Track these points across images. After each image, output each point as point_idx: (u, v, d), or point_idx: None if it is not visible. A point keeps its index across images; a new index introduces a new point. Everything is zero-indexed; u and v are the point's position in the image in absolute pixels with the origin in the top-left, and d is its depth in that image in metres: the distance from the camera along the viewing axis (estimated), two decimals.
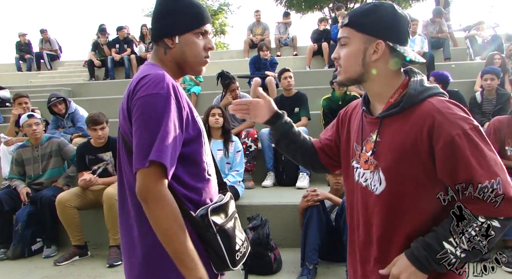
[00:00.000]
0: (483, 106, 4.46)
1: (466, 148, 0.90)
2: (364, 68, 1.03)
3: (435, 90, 1.01)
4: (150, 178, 0.97)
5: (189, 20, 1.11)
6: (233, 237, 1.13)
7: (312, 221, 2.70)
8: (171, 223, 0.98)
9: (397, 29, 1.01)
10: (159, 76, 1.03)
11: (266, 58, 6.03)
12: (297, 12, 18.49)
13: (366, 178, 1.08)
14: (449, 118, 0.93)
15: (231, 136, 3.61)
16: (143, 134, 0.99)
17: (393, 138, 1.01)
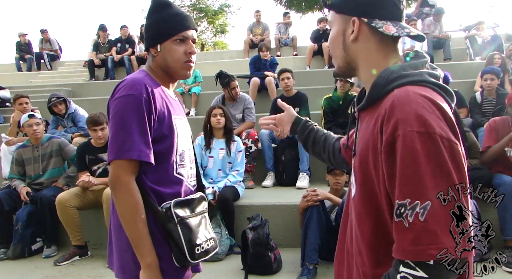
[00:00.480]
0: (483, 106, 4.46)
1: (400, 154, 0.71)
2: (347, 52, 0.91)
3: (412, 78, 0.80)
4: (119, 169, 1.12)
5: (167, 29, 1.23)
6: (195, 231, 1.22)
7: (312, 221, 2.70)
8: (131, 211, 1.12)
9: (376, 2, 0.87)
10: (134, 80, 1.17)
11: (266, 59, 6.03)
12: (297, 12, 18.49)
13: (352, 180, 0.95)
14: (398, 114, 0.73)
15: (233, 135, 3.61)
16: (116, 131, 1.13)
17: (362, 136, 0.87)
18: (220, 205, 3.20)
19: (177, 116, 1.27)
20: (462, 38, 7.95)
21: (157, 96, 1.20)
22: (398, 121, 0.72)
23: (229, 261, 3.07)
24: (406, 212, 0.70)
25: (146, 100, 1.15)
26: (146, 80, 1.19)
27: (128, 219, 1.12)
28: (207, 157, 3.53)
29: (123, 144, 1.12)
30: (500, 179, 2.98)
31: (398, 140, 0.72)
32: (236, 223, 3.28)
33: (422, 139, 0.70)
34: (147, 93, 1.16)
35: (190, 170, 1.33)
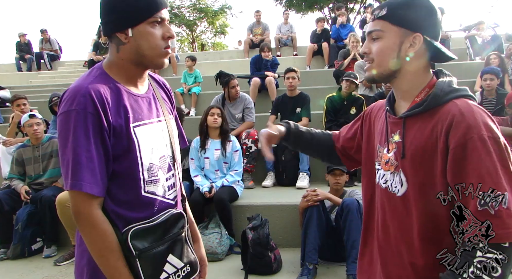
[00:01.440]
0: (483, 106, 4.42)
1: (478, 153, 0.85)
2: (398, 63, 0.98)
3: (463, 92, 0.97)
4: (78, 201, 0.96)
5: (141, 9, 0.99)
6: (159, 264, 1.03)
7: (312, 221, 2.70)
8: (99, 246, 0.97)
9: (434, 23, 0.97)
10: (76, 90, 0.96)
11: (268, 59, 6.03)
12: (297, 12, 18.49)
13: (386, 180, 1.05)
14: (468, 121, 0.87)
15: (229, 136, 3.61)
16: (63, 156, 0.96)
17: (414, 139, 0.97)
18: (216, 205, 3.20)
19: (140, 122, 1.04)
20: (462, 38, 7.95)
21: (111, 105, 0.99)
22: (470, 127, 0.87)
23: (229, 261, 3.07)
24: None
25: (92, 115, 0.94)
26: (93, 86, 0.97)
27: (97, 255, 0.97)
28: (203, 158, 3.53)
29: (68, 172, 0.94)
30: None
31: (472, 141, 0.86)
32: (236, 223, 3.28)
33: (491, 142, 0.86)
34: (93, 105, 0.95)
35: (167, 182, 1.12)
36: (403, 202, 0.99)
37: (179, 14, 21.88)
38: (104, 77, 1.03)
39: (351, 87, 4.42)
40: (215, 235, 3.06)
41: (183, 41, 24.64)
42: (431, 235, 0.95)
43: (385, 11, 0.98)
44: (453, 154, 0.88)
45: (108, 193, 1.00)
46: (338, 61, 6.24)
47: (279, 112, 4.61)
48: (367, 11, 9.18)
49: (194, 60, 6.73)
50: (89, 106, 0.94)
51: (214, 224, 3.16)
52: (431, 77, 1.01)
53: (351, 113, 4.40)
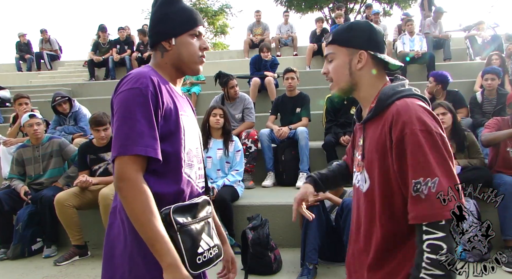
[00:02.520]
0: (484, 106, 4.45)
1: (411, 147, 0.96)
2: (352, 77, 1.14)
3: (405, 92, 1.07)
4: (125, 166, 1.04)
5: (183, 23, 1.20)
6: (196, 239, 1.13)
7: (312, 221, 2.70)
8: (143, 210, 1.02)
9: (375, 40, 1.13)
10: (141, 73, 1.12)
11: (267, 59, 6.03)
12: (297, 12, 18.49)
13: (358, 180, 1.18)
14: (403, 118, 0.99)
15: (231, 136, 3.61)
16: (120, 125, 1.06)
17: (372, 140, 1.10)
18: (217, 205, 3.20)
19: (184, 113, 1.20)
20: (462, 38, 7.95)
21: (164, 91, 1.14)
22: (405, 123, 0.98)
23: None
24: (422, 187, 0.94)
25: (152, 94, 1.09)
26: (152, 74, 1.13)
27: (140, 219, 1.02)
28: (205, 158, 3.52)
29: (128, 138, 1.04)
30: (501, 179, 2.98)
31: (406, 137, 0.97)
32: (236, 223, 3.28)
33: (424, 135, 0.96)
34: (154, 87, 1.10)
35: (199, 171, 1.26)
36: (366, 197, 1.12)
37: None
38: (156, 73, 1.18)
39: None
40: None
41: None
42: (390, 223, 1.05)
43: (331, 37, 1.16)
44: (394, 149, 1.00)
45: (151, 174, 1.10)
46: None
47: (279, 113, 4.61)
48: (367, 11, 9.18)
49: None
50: (150, 86, 1.09)
51: None
52: (384, 84, 1.15)
53: (351, 113, 4.40)
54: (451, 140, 3.22)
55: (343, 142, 4.11)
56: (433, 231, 0.93)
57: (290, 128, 4.21)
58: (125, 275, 1.11)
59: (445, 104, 3.27)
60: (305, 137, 4.10)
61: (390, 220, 1.05)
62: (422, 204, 0.94)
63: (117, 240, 1.14)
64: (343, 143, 4.11)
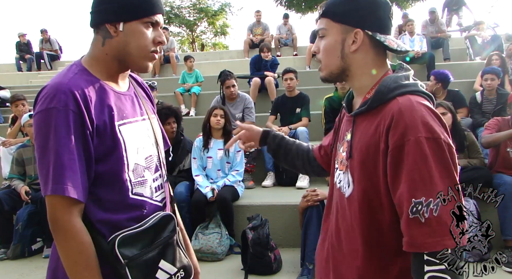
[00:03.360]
0: (483, 106, 4.45)
1: (413, 157, 0.80)
2: (344, 61, 0.95)
3: (410, 88, 0.90)
4: (57, 207, 0.88)
5: (138, 6, 0.96)
6: (151, 272, 0.97)
7: (312, 221, 2.70)
8: (75, 259, 0.89)
9: (377, 16, 0.93)
10: (57, 87, 0.90)
11: (267, 59, 6.03)
12: (297, 12, 18.49)
13: (340, 179, 1.01)
14: (406, 120, 0.82)
15: (232, 136, 3.61)
16: (41, 159, 0.89)
17: (361, 138, 0.93)
18: (219, 204, 3.20)
19: (125, 120, 1.00)
20: (462, 38, 7.95)
21: (94, 102, 0.93)
22: (408, 127, 0.81)
23: (229, 261, 3.07)
24: (422, 209, 0.78)
25: (75, 113, 0.88)
26: (74, 83, 0.92)
27: (71, 271, 0.89)
28: (205, 157, 3.53)
29: (48, 176, 0.87)
30: (501, 179, 2.98)
31: (408, 144, 0.80)
32: (236, 223, 3.28)
33: (430, 144, 0.80)
34: (76, 103, 0.89)
35: (154, 183, 1.07)
36: (348, 203, 0.96)
37: (179, 14, 21.88)
38: (85, 74, 0.97)
39: (347, 87, 4.40)
40: (215, 235, 3.06)
41: (183, 41, 24.64)
42: (375, 239, 0.90)
43: (324, 9, 0.96)
44: (391, 156, 0.83)
45: (93, 197, 0.94)
46: None
47: (278, 113, 4.61)
48: None
49: (193, 60, 6.78)
50: (70, 104, 0.89)
51: (214, 224, 3.16)
52: (385, 73, 0.96)
53: None
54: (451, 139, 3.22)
55: None
56: (435, 261, 0.78)
57: (290, 128, 4.21)
58: None
59: (445, 104, 3.27)
60: (305, 137, 4.10)
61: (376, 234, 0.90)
62: (421, 229, 0.79)
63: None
64: None
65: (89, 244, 0.90)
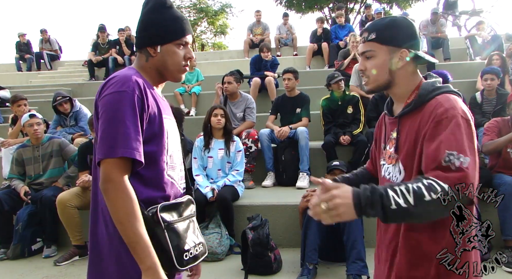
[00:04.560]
0: (483, 106, 4.45)
1: (450, 125, 1.00)
2: (391, 75, 1.16)
3: (445, 89, 1.11)
4: (111, 169, 1.05)
5: (171, 32, 1.20)
6: (183, 237, 1.16)
7: (312, 221, 2.70)
8: (127, 213, 1.04)
9: (414, 37, 1.15)
10: (126, 76, 1.11)
11: (267, 59, 6.03)
12: (297, 12, 18.48)
13: (389, 172, 1.20)
14: (445, 105, 1.04)
15: (232, 136, 3.62)
16: (107, 128, 1.06)
17: (408, 133, 1.13)
18: (219, 204, 3.20)
19: (167, 116, 1.22)
20: (462, 38, 7.95)
21: (149, 95, 1.15)
22: (447, 109, 1.03)
23: (229, 261, 3.07)
24: (454, 160, 0.96)
25: (138, 98, 1.09)
26: (137, 77, 1.14)
27: (123, 221, 1.04)
28: (206, 157, 3.54)
29: (115, 141, 1.05)
30: (501, 179, 2.98)
31: (447, 118, 1.02)
32: (236, 223, 3.28)
33: (464, 121, 1.02)
34: (140, 90, 1.11)
35: (180, 172, 1.29)
36: None
37: None
38: (140, 76, 1.18)
39: (341, 86, 4.41)
40: (215, 235, 3.06)
41: None
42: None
43: (374, 35, 1.15)
44: (429, 128, 1.04)
45: (134, 176, 1.10)
46: (338, 61, 6.23)
47: (278, 113, 4.61)
48: (367, 11, 9.17)
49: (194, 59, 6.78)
50: (137, 90, 1.10)
51: (214, 224, 3.16)
52: (420, 81, 1.18)
53: (348, 112, 4.40)
54: None
55: (343, 142, 4.11)
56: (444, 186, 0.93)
57: (291, 128, 4.22)
58: (113, 275, 1.13)
59: None
60: (305, 137, 4.10)
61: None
62: (453, 173, 0.95)
63: (102, 241, 1.15)
64: (342, 142, 4.11)
65: (137, 202, 1.07)
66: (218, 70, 8.19)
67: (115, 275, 1.13)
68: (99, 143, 1.07)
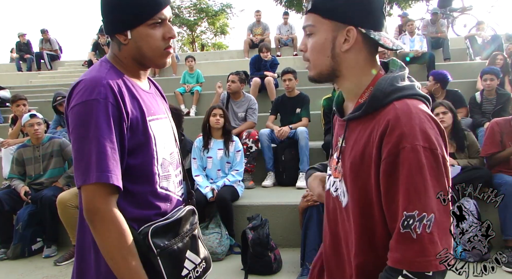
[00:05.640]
0: (483, 106, 4.45)
1: (409, 167, 0.75)
2: (334, 61, 0.88)
3: (407, 91, 0.84)
4: (97, 196, 0.89)
5: (140, 11, 0.97)
6: (180, 261, 1.03)
7: (312, 221, 2.70)
8: (119, 247, 0.90)
9: (370, 12, 0.85)
10: (95, 80, 0.93)
11: (267, 59, 6.03)
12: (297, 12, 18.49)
13: (336, 187, 0.96)
14: (403, 128, 0.76)
15: (231, 136, 3.62)
16: (80, 148, 0.90)
17: (354, 145, 0.88)
18: (218, 204, 3.20)
19: (153, 116, 1.03)
20: (462, 38, 7.95)
21: (127, 97, 0.97)
22: (404, 135, 0.76)
23: (229, 261, 3.07)
24: (415, 224, 0.74)
25: (113, 106, 0.92)
26: (109, 77, 0.95)
27: (116, 257, 0.90)
28: (205, 158, 3.54)
29: (88, 164, 0.88)
30: (501, 179, 2.98)
31: (404, 152, 0.75)
32: (236, 223, 3.28)
33: (426, 154, 0.75)
34: (114, 96, 0.92)
35: (176, 178, 1.12)
36: (346, 214, 0.91)
37: (179, 14, 21.87)
38: (115, 71, 1.01)
39: None
40: (215, 235, 3.06)
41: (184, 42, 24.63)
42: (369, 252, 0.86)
43: (310, 5, 0.88)
44: (384, 164, 0.78)
45: (125, 192, 0.96)
46: None
47: (278, 113, 4.61)
48: None
49: (194, 60, 6.78)
50: (110, 96, 0.92)
51: (214, 224, 3.16)
52: (376, 75, 0.90)
53: None
54: (451, 139, 3.22)
55: None
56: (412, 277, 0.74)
57: (291, 128, 4.22)
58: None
59: (446, 104, 3.27)
60: (305, 137, 4.10)
61: (369, 249, 0.86)
62: (411, 245, 0.74)
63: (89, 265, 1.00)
64: None
65: (128, 231, 0.93)
66: (218, 70, 8.20)
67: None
68: (75, 164, 0.92)
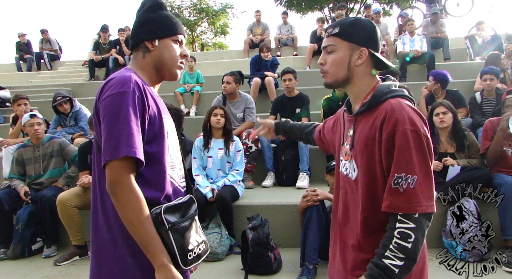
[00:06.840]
0: (483, 106, 4.45)
1: (400, 144, 1.06)
2: (349, 72, 1.20)
3: (398, 93, 1.17)
4: (118, 170, 1.06)
5: (167, 27, 1.25)
6: (186, 237, 1.18)
7: (312, 221, 2.70)
8: (137, 213, 1.06)
9: (375, 40, 1.20)
10: (125, 77, 1.13)
11: (267, 59, 6.03)
12: (297, 12, 18.48)
13: (346, 168, 1.26)
14: (397, 116, 1.08)
15: (232, 136, 3.62)
16: (111, 130, 1.06)
17: (362, 132, 1.18)
18: (218, 204, 3.20)
19: (166, 116, 1.24)
20: (462, 38, 7.95)
21: (148, 94, 1.17)
22: (398, 121, 1.08)
23: (229, 261, 3.07)
24: (402, 182, 1.05)
25: (139, 98, 1.11)
26: (135, 77, 1.15)
27: (134, 222, 1.06)
28: (206, 157, 3.54)
29: (118, 142, 1.05)
30: (501, 179, 2.97)
31: (397, 133, 1.07)
32: (236, 223, 3.28)
33: (412, 135, 1.07)
34: (140, 90, 1.12)
35: (180, 171, 1.31)
36: (355, 185, 1.21)
37: (179, 14, 21.84)
38: (138, 76, 1.20)
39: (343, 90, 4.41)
40: (215, 235, 3.06)
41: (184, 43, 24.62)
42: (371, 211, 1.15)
43: (337, 30, 1.19)
44: (385, 143, 1.09)
45: (138, 174, 1.11)
46: None
47: (278, 113, 4.61)
48: (366, 11, 9.17)
49: (195, 60, 6.76)
50: (136, 91, 1.11)
51: (214, 224, 3.16)
52: (376, 83, 1.23)
53: None
54: (451, 139, 3.22)
55: None
56: (406, 221, 1.05)
57: None
58: (116, 276, 1.14)
59: (446, 104, 3.27)
60: None
61: (372, 206, 1.14)
62: (399, 196, 1.05)
63: (104, 242, 1.16)
64: None
65: (145, 202, 1.09)
66: (218, 70, 8.19)
67: (118, 276, 1.14)
68: (103, 145, 1.07)
